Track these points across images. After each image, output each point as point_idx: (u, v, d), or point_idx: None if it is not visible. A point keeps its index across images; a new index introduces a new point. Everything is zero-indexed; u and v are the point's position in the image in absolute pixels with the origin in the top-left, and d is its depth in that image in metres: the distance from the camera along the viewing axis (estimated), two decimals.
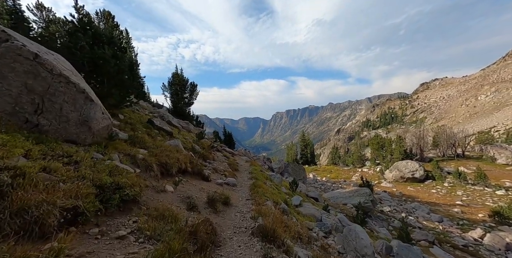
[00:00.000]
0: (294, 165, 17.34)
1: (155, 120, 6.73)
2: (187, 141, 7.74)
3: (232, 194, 4.89)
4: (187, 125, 11.65)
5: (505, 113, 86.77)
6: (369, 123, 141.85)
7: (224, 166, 7.63)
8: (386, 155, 35.96)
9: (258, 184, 5.52)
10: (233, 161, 9.77)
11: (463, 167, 27.76)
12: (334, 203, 11.17)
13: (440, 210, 18.17)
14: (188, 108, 25.27)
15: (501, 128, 72.97)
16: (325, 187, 24.20)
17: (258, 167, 8.49)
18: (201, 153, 7.17)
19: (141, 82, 23.86)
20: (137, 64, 24.49)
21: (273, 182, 7.24)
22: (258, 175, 6.96)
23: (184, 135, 8.81)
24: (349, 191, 15.76)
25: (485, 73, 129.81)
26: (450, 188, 22.84)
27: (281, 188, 7.01)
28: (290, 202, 5.05)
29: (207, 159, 7.24)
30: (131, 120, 6.01)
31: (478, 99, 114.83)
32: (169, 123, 9.59)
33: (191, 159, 5.15)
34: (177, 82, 22.90)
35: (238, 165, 9.45)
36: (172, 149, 4.79)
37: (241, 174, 7.60)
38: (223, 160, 9.03)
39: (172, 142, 5.73)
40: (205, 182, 5.18)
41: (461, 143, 31.14)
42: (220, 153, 11.35)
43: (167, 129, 6.86)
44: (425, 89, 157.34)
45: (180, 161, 4.56)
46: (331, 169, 40.70)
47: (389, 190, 25.22)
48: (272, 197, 4.38)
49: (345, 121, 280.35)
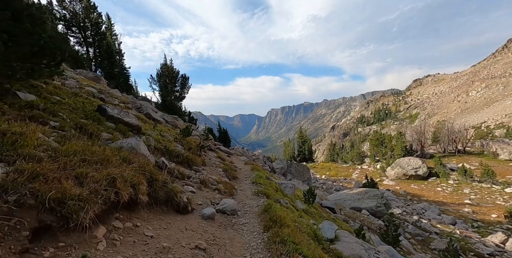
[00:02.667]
0: (297, 165, 15.76)
1: (110, 109, 4.71)
2: (164, 139, 5.77)
3: (232, 242, 2.86)
4: (174, 120, 9.74)
5: (495, 109, 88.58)
6: (364, 120, 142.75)
7: (217, 173, 5.87)
8: (386, 152, 35.08)
9: (276, 216, 3.24)
10: (230, 164, 7.96)
11: (465, 163, 27.10)
12: (350, 212, 9.70)
13: (450, 210, 17.18)
14: (179, 103, 23.13)
15: (491, 123, 74.47)
16: (327, 187, 22.89)
17: (263, 172, 6.77)
18: (185, 156, 5.24)
19: (126, 74, 21.49)
20: (121, 53, 22.06)
21: (285, 193, 5.52)
22: (266, 187, 5.17)
23: (162, 130, 6.80)
24: (357, 192, 14.37)
25: (476, 69, 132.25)
26: (456, 185, 22.00)
27: (296, 202, 5.31)
28: (318, 232, 3.38)
29: (194, 165, 5.44)
30: (55, 107, 3.80)
31: (469, 95, 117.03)
32: (147, 116, 7.67)
33: (153, 174, 2.92)
34: (166, 74, 20.67)
35: (237, 169, 7.67)
36: (111, 156, 2.71)
37: (242, 184, 5.81)
38: (217, 163, 7.21)
39: (128, 141, 3.50)
40: (180, 217, 3.05)
41: (462, 138, 30.48)
42: (214, 153, 9.55)
43: (132, 122, 4.83)
44: (418, 85, 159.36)
45: (118, 182, 2.30)
46: (330, 166, 39.66)
47: (392, 188, 24.22)
48: (304, 250, 2.43)
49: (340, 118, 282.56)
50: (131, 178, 2.56)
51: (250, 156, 14.07)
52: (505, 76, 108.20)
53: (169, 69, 20.75)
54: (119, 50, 20.57)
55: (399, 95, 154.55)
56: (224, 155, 10.39)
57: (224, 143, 26.01)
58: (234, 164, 8.58)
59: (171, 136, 6.55)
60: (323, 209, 7.45)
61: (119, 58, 19.74)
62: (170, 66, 20.98)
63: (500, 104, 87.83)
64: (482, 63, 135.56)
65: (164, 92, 19.20)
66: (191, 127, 7.39)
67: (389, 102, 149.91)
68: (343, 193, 15.00)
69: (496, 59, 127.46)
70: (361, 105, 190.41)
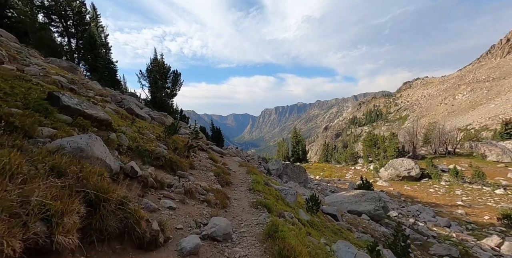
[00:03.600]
0: (294, 166, 15.17)
1: (67, 98, 3.73)
2: (144, 137, 4.88)
3: None
4: (161, 117, 8.83)
5: (479, 112, 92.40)
6: (356, 121, 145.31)
7: (208, 179, 5.08)
8: (379, 152, 35.34)
9: (286, 247, 2.40)
10: (223, 166, 7.18)
11: (455, 164, 27.59)
12: (351, 218, 9.20)
13: (444, 212, 17.20)
14: (170, 100, 22.04)
15: (476, 125, 77.58)
16: (321, 188, 22.54)
17: (260, 176, 6.06)
18: (167, 158, 4.34)
19: (113, 68, 20.17)
20: (108, 46, 20.68)
21: (287, 202, 4.82)
22: (266, 195, 4.44)
23: (143, 127, 5.86)
24: (353, 194, 13.98)
25: (462, 73, 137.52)
26: (448, 187, 22.24)
27: (299, 212, 4.64)
28: None
29: (180, 168, 4.58)
30: None
31: (456, 98, 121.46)
32: (129, 111, 6.74)
33: (101, 191, 1.94)
34: (156, 69, 19.55)
35: (231, 173, 6.91)
36: (22, 165, 1.66)
37: (237, 192, 4.97)
38: (208, 166, 6.40)
39: (74, 140, 2.50)
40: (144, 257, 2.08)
41: (452, 139, 31.09)
42: (205, 154, 8.77)
43: (98, 115, 3.88)
44: (408, 87, 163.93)
45: None
46: (323, 166, 39.61)
47: (386, 190, 24.25)
48: None
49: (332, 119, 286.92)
50: (47, 205, 1.49)
51: (245, 156, 13.37)
52: (489, 81, 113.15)
53: (159, 64, 19.64)
54: (106, 43, 19.27)
55: (389, 97, 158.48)
56: (216, 156, 9.64)
57: (217, 142, 25.14)
58: (227, 166, 7.84)
59: (154, 133, 5.67)
60: (325, 215, 6.87)
61: (105, 51, 18.45)
62: (160, 61, 19.87)
63: (484, 108, 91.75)
64: (467, 67, 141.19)
65: (154, 88, 18.09)
66: (178, 124, 6.52)
67: (380, 104, 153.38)
68: (339, 195, 14.58)
69: (481, 64, 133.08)
70: (353, 107, 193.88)
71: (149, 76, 19.22)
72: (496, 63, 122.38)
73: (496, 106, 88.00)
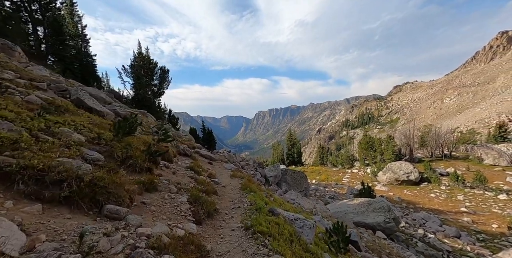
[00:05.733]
0: (294, 173, 13.62)
1: None
2: (55, 141, 3.09)
3: None
4: (132, 114, 7.09)
5: (466, 116, 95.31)
6: (348, 123, 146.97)
7: (175, 210, 3.31)
8: (375, 155, 34.64)
9: None
10: (208, 181, 5.31)
11: (452, 167, 27.14)
12: (370, 241, 7.74)
13: (450, 220, 16.23)
14: (157, 99, 20.15)
15: (463, 129, 79.74)
16: (320, 193, 21.21)
17: (259, 195, 4.39)
18: (88, 182, 2.52)
19: (91, 62, 18.10)
20: (85, 38, 18.58)
21: (303, 241, 3.06)
22: (274, 240, 2.74)
23: (69, 123, 3.95)
24: (358, 203, 12.68)
25: (449, 78, 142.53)
26: (449, 191, 21.47)
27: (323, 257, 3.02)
28: None
29: (115, 200, 2.72)
30: None
31: (444, 102, 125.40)
32: (78, 103, 5.03)
33: None
34: (141, 64, 17.68)
35: (218, 190, 5.09)
36: None
37: (224, 235, 3.18)
38: (184, 181, 4.73)
39: None
40: None
41: (448, 142, 30.78)
42: (190, 160, 7.14)
43: None
44: (398, 91, 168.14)
45: None
46: (320, 169, 38.48)
47: (386, 195, 23.24)
48: None
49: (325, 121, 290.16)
50: None
51: (238, 161, 11.77)
52: (474, 86, 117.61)
53: (144, 59, 17.78)
54: (83, 34, 17.24)
55: (381, 101, 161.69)
56: (203, 162, 7.99)
57: (209, 144, 23.31)
58: (214, 178, 6.20)
59: (93, 133, 4.00)
60: None
61: (81, 43, 16.43)
62: (146, 55, 18.02)
63: (471, 111, 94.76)
64: (454, 72, 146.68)
65: (137, 84, 16.18)
66: (134, 119, 4.58)
67: (372, 107, 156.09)
68: (343, 204, 13.22)
69: (466, 70, 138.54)
70: (345, 109, 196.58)
71: (132, 72, 17.32)
72: (481, 68, 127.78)
73: (482, 110, 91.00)
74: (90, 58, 17.13)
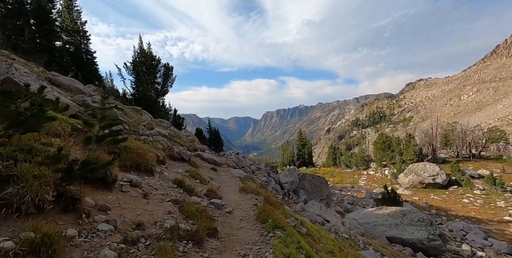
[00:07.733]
0: (312, 178, 11.73)
1: None
2: None
3: None
4: (123, 112, 5.80)
5: (486, 113, 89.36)
6: (359, 123, 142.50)
7: None
8: (393, 156, 32.17)
9: None
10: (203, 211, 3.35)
11: (484, 169, 24.42)
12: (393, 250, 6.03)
13: (494, 231, 13.98)
14: (161, 98, 19.09)
15: (485, 127, 74.42)
16: (337, 198, 19.34)
17: (292, 240, 2.76)
18: None
19: (91, 60, 17.26)
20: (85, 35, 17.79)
21: None
22: None
23: None
24: (389, 213, 10.86)
25: (467, 74, 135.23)
26: (485, 196, 19.00)
27: None
28: None
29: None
30: None
31: (461, 99, 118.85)
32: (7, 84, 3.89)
33: None
34: (143, 60, 16.65)
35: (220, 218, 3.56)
36: None
37: None
38: (157, 219, 2.75)
39: None
40: None
41: (477, 141, 27.92)
42: (185, 167, 5.72)
43: None
44: (411, 89, 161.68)
45: None
46: (333, 171, 36.37)
47: (410, 199, 20.99)
48: None
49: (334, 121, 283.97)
50: None
51: (248, 165, 10.22)
52: (495, 81, 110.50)
53: (146, 55, 16.75)
54: (82, 30, 16.40)
55: (393, 99, 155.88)
56: (205, 169, 6.52)
57: (216, 146, 21.99)
58: (216, 198, 4.24)
59: None
60: None
61: (80, 39, 15.61)
62: (148, 52, 17.00)
63: (492, 108, 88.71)
64: (472, 68, 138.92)
65: (138, 81, 15.10)
66: (41, 97, 2.52)
67: (383, 105, 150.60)
68: (369, 214, 11.41)
69: (486, 64, 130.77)
70: (355, 109, 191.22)
71: (133, 69, 16.31)
72: (502, 63, 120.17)
73: (504, 107, 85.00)
74: (90, 55, 16.30)
